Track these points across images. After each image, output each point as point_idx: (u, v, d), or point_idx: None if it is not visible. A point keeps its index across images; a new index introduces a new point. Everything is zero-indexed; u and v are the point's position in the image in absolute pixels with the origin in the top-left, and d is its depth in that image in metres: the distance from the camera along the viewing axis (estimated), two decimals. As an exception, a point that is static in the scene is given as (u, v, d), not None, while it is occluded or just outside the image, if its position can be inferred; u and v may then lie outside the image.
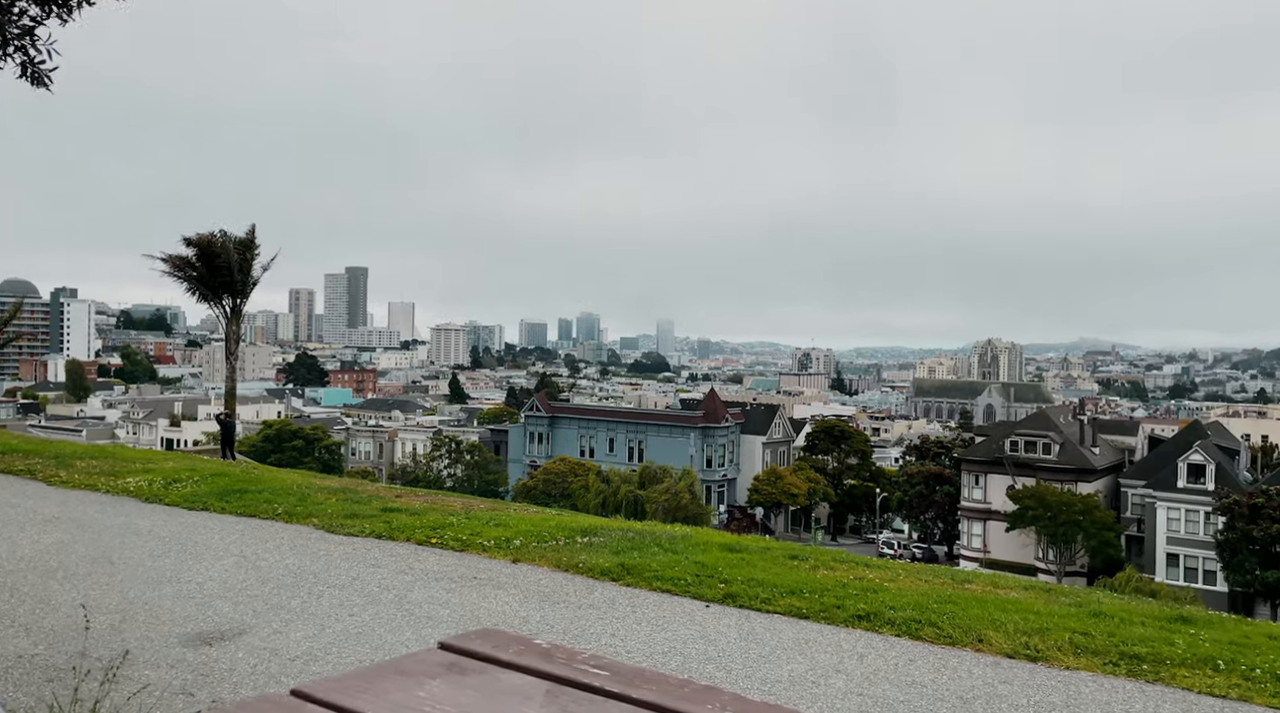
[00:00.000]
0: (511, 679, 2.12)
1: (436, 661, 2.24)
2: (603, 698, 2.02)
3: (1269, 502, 55.42)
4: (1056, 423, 74.80)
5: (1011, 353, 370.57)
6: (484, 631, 2.51)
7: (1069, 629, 8.68)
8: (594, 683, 2.07)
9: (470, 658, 2.25)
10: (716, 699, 2.05)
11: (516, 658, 2.23)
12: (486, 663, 2.22)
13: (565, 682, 2.09)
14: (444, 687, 2.06)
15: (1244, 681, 7.34)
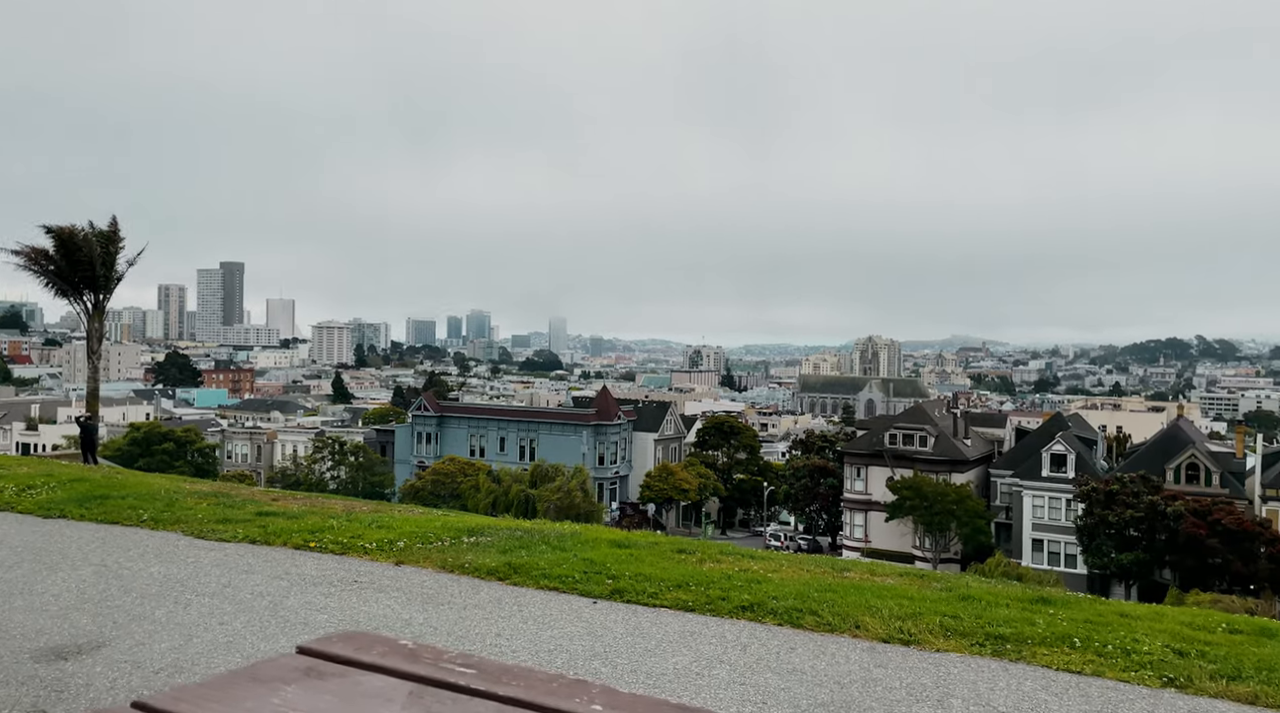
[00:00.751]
0: (373, 682, 2.06)
1: (294, 666, 2.15)
2: (468, 697, 1.98)
3: (1123, 489, 59.29)
4: (932, 416, 78.10)
5: (891, 350, 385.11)
6: (347, 633, 2.42)
7: (940, 613, 9.06)
8: (459, 682, 2.03)
9: (330, 662, 2.17)
10: (585, 693, 2.03)
11: (380, 660, 2.16)
12: (347, 666, 2.14)
13: (430, 682, 2.04)
14: (300, 693, 1.98)
15: (1097, 656, 7.81)
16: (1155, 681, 7.30)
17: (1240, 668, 7.50)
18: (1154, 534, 56.73)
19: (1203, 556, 55.08)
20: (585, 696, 2.05)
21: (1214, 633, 8.85)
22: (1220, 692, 7.05)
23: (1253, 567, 54.62)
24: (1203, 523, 54.92)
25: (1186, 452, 65.88)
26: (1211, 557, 54.83)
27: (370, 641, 2.33)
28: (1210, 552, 54.66)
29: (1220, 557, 54.56)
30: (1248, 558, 54.55)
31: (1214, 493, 61.98)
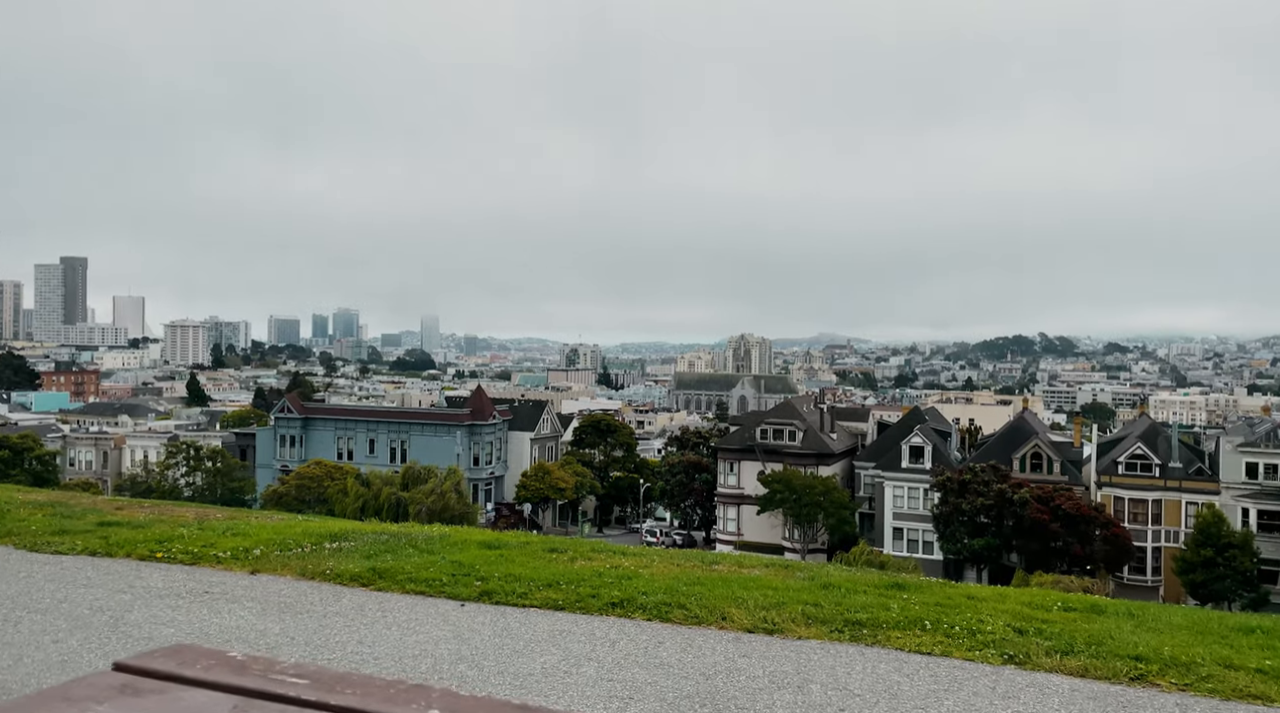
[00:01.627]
0: (195, 697, 1.94)
1: (109, 683, 2.01)
2: (297, 708, 1.89)
3: (975, 478, 62.74)
4: (800, 412, 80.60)
5: (762, 347, 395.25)
6: (171, 647, 2.28)
7: (802, 602, 9.36)
8: (290, 693, 1.94)
9: (149, 678, 2.03)
10: (424, 698, 1.98)
11: (204, 674, 2.04)
12: (168, 682, 2.01)
13: (257, 694, 1.94)
14: (112, 712, 1.86)
15: (945, 637, 8.24)
16: (997, 658, 7.75)
17: (1073, 643, 8.06)
18: (1003, 520, 60.25)
19: (1046, 539, 58.91)
20: (424, 701, 2.00)
21: (1050, 612, 9.47)
22: (1055, 667, 7.55)
23: (1089, 548, 58.81)
24: (1045, 509, 58.72)
25: (1031, 442, 70.30)
26: (1053, 540, 58.72)
27: (195, 654, 2.21)
28: (1052, 535, 58.52)
29: (1061, 540, 58.47)
30: (1085, 540, 58.69)
31: (1055, 480, 66.40)
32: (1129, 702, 6.79)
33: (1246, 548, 55.65)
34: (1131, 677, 7.28)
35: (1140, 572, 64.17)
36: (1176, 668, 7.41)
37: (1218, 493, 63.78)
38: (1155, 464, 65.84)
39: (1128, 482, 66.27)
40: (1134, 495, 65.67)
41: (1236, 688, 6.99)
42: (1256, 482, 63.42)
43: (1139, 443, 67.38)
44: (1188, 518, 62.43)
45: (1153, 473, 65.84)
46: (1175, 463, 65.85)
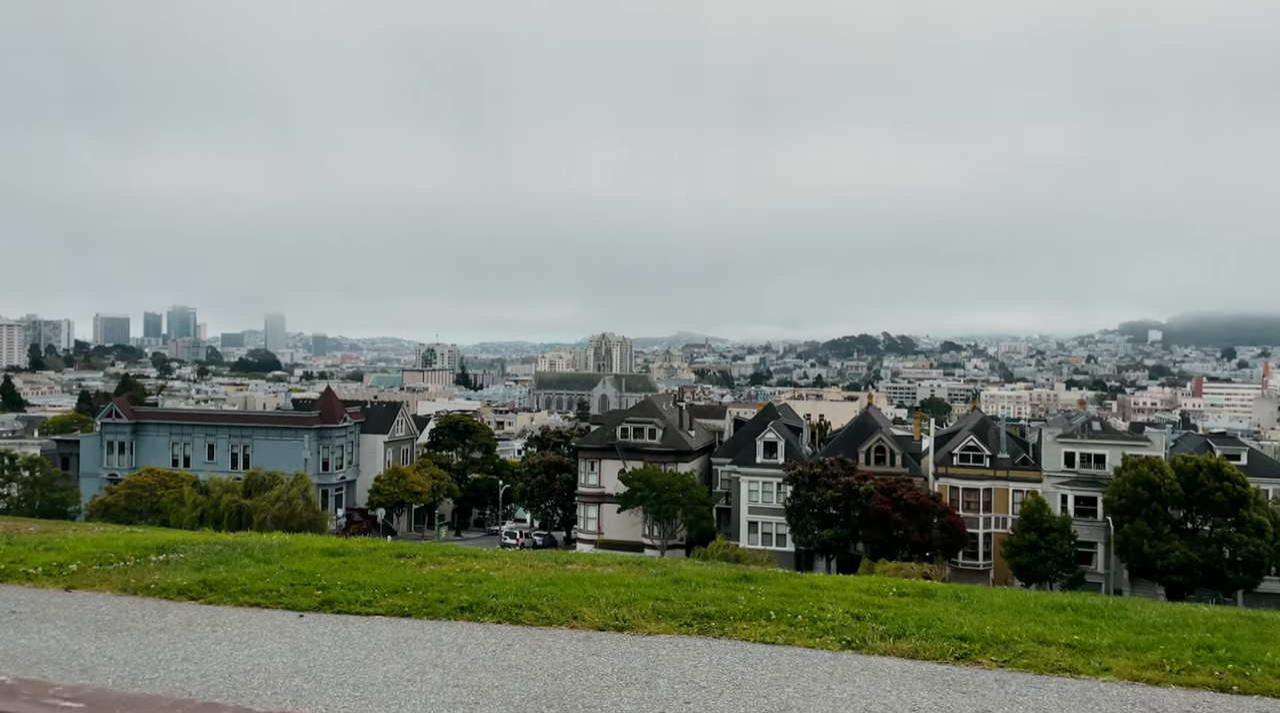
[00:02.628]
0: (-57, 731, 1.75)
1: None
2: (65, 736, 1.74)
3: (824, 471, 65.33)
4: (660, 410, 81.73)
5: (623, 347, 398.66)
6: (-79, 677, 2.07)
7: (653, 598, 9.46)
8: (58, 720, 1.78)
9: (-111, 713, 1.82)
10: (213, 717, 1.85)
11: (-43, 705, 1.84)
12: (-87, 716, 1.81)
13: (19, 724, 1.77)
14: None
15: (789, 626, 8.51)
16: (836, 644, 8.06)
17: (905, 627, 8.47)
18: (850, 511, 62.99)
19: (889, 528, 62.01)
20: (212, 720, 1.87)
21: (886, 598, 9.94)
22: (888, 650, 7.92)
23: (928, 536, 62.28)
24: (888, 499, 61.80)
25: (875, 437, 73.82)
26: (896, 529, 61.87)
27: (-50, 683, 2.00)
28: (895, 525, 61.66)
29: (903, 529, 61.68)
30: (924, 528, 62.12)
31: (897, 472, 70.00)
32: (954, 680, 7.19)
33: (1065, 532, 60.23)
34: (957, 656, 7.72)
35: (973, 556, 68.45)
36: (997, 646, 7.91)
37: (1040, 481, 68.82)
38: (986, 455, 70.38)
39: (961, 472, 70.56)
40: (967, 485, 69.98)
41: (1049, 662, 7.52)
42: (1073, 470, 68.81)
43: (971, 436, 71.85)
44: (1014, 505, 67.04)
45: (984, 464, 70.37)
46: (1003, 454, 70.60)
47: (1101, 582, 64.95)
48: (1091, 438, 70.14)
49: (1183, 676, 7.20)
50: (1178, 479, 58.34)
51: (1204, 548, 57.08)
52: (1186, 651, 7.75)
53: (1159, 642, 8.05)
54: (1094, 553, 66.03)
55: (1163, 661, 7.48)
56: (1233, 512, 57.04)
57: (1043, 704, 6.66)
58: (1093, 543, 65.89)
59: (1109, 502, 62.09)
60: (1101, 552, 65.71)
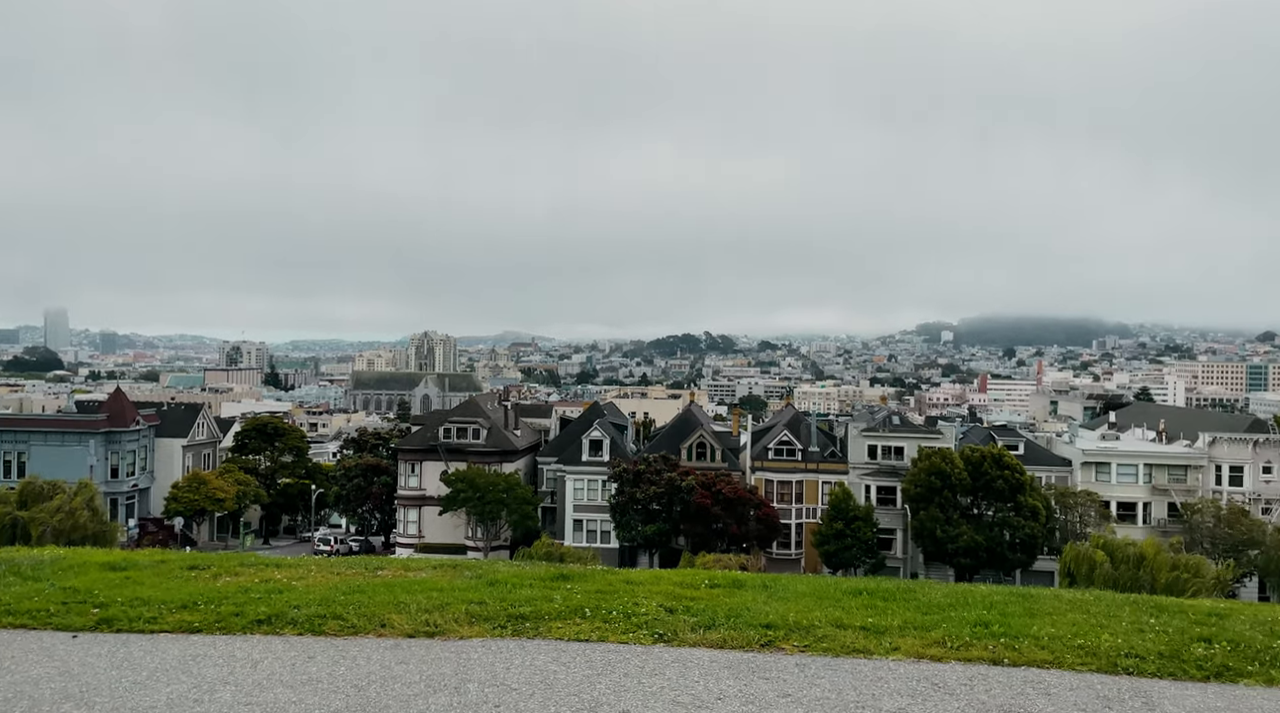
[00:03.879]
0: None
1: None
2: None
3: (648, 468, 66.56)
4: (485, 410, 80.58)
5: (446, 345, 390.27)
6: None
7: (467, 601, 9.26)
8: None
9: None
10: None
11: None
12: None
13: None
14: None
15: (603, 623, 8.55)
16: (649, 638, 8.17)
17: (715, 618, 8.70)
18: (672, 506, 64.49)
19: (709, 522, 63.97)
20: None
21: (699, 589, 10.18)
22: (698, 641, 8.11)
23: (745, 528, 64.72)
24: (708, 494, 63.75)
25: (697, 433, 75.95)
26: (715, 522, 63.90)
27: None
28: (714, 518, 63.68)
29: (721, 522, 63.79)
30: (741, 521, 64.50)
31: (717, 467, 72.30)
32: (758, 666, 7.45)
33: (868, 520, 64.19)
34: (762, 643, 8.01)
35: (786, 546, 71.72)
36: (799, 632, 8.27)
37: (847, 473, 73.01)
38: (798, 450, 73.91)
39: (776, 466, 73.76)
40: (781, 478, 73.23)
41: (845, 645, 7.93)
42: (876, 461, 73.44)
43: (785, 431, 75.24)
44: (823, 496, 70.76)
45: (796, 457, 73.87)
46: (814, 447, 74.37)
47: (900, 566, 69.67)
48: (891, 432, 75.06)
49: (961, 651, 7.78)
50: (966, 469, 63.41)
51: (988, 532, 62.32)
52: (965, 628, 8.39)
53: (942, 621, 8.67)
54: (894, 539, 70.72)
55: (945, 638, 8.06)
56: (1012, 498, 62.61)
57: (838, 685, 7.02)
58: (893, 530, 70.56)
59: (907, 491, 66.69)
60: (900, 538, 70.48)
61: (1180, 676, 7.36)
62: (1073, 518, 65.42)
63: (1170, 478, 72.86)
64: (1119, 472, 73.65)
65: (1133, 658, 7.66)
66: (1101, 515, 66.28)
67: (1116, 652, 7.79)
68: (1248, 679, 7.31)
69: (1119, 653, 7.76)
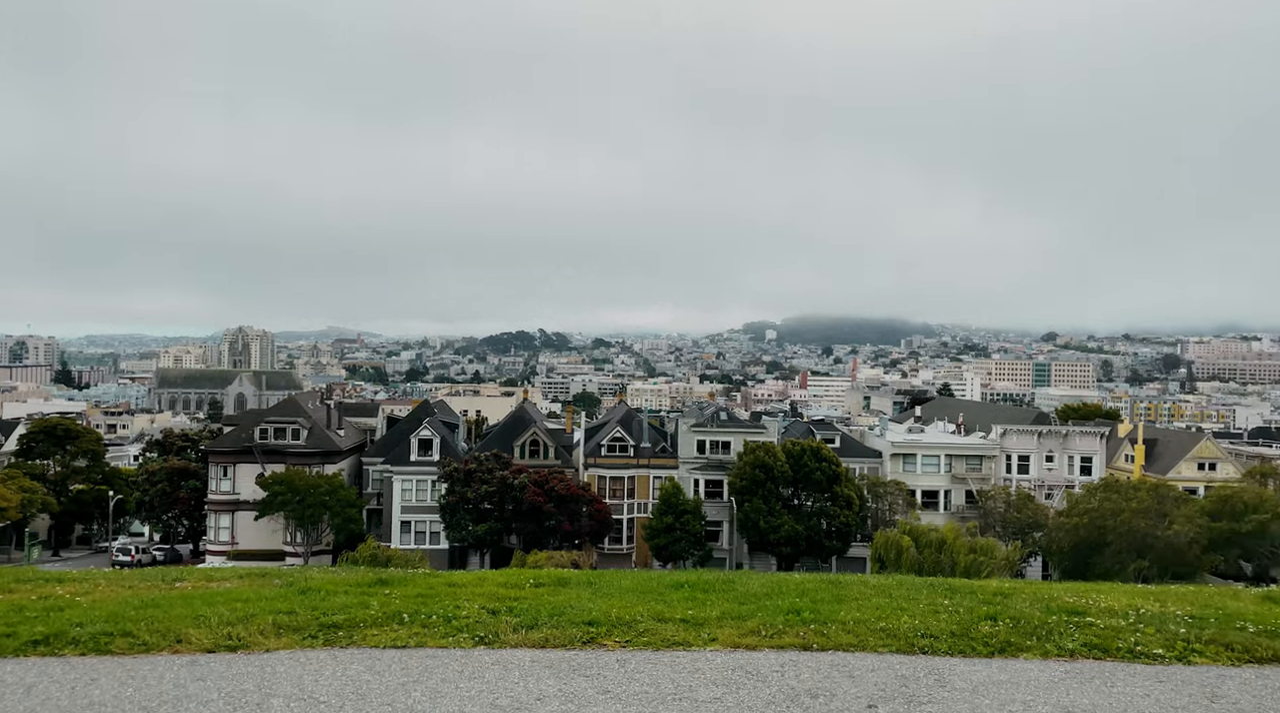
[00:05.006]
0: None
1: None
2: None
3: (480, 467, 65.53)
4: (305, 409, 76.90)
5: (264, 341, 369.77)
6: None
7: (275, 611, 8.76)
8: None
9: None
10: None
11: None
12: None
13: None
14: None
15: (422, 628, 8.30)
16: (470, 642, 8.00)
17: (538, 617, 8.63)
18: (504, 505, 63.79)
19: (542, 519, 63.74)
20: None
21: (523, 589, 10.08)
22: (520, 641, 8.01)
23: (578, 524, 64.92)
24: (541, 491, 63.51)
25: (530, 431, 75.51)
26: (548, 520, 63.76)
27: None
28: (547, 515, 63.52)
29: (554, 519, 63.72)
30: (574, 517, 64.67)
31: (550, 465, 72.14)
32: (579, 664, 7.44)
33: (697, 513, 65.88)
34: (584, 641, 8.01)
35: (619, 541, 72.53)
36: (621, 627, 8.33)
37: (676, 467, 74.66)
38: (631, 445, 74.90)
39: (609, 462, 74.45)
40: (614, 474, 73.99)
41: (666, 638, 8.06)
42: (705, 456, 75.49)
43: (618, 427, 76.07)
44: (654, 491, 72.06)
45: (629, 453, 74.82)
46: (646, 443, 75.58)
47: (726, 556, 72.01)
48: (719, 427, 77.39)
49: (774, 638, 8.07)
50: (787, 462, 66.24)
51: (807, 521, 65.37)
52: (779, 616, 8.72)
53: (758, 610, 8.97)
54: (721, 531, 72.97)
55: (760, 627, 8.34)
56: (829, 488, 65.93)
57: (657, 679, 7.11)
58: (720, 522, 72.78)
59: (733, 484, 68.94)
60: (727, 529, 72.82)
61: (969, 652, 7.93)
62: (883, 506, 69.63)
63: (968, 467, 78.90)
64: (923, 462, 79.07)
65: (928, 638, 8.19)
66: (908, 503, 70.96)
67: (914, 632, 8.30)
68: (1027, 653, 7.96)
69: (916, 634, 8.27)
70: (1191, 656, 7.98)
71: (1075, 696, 6.94)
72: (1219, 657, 7.97)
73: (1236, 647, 8.15)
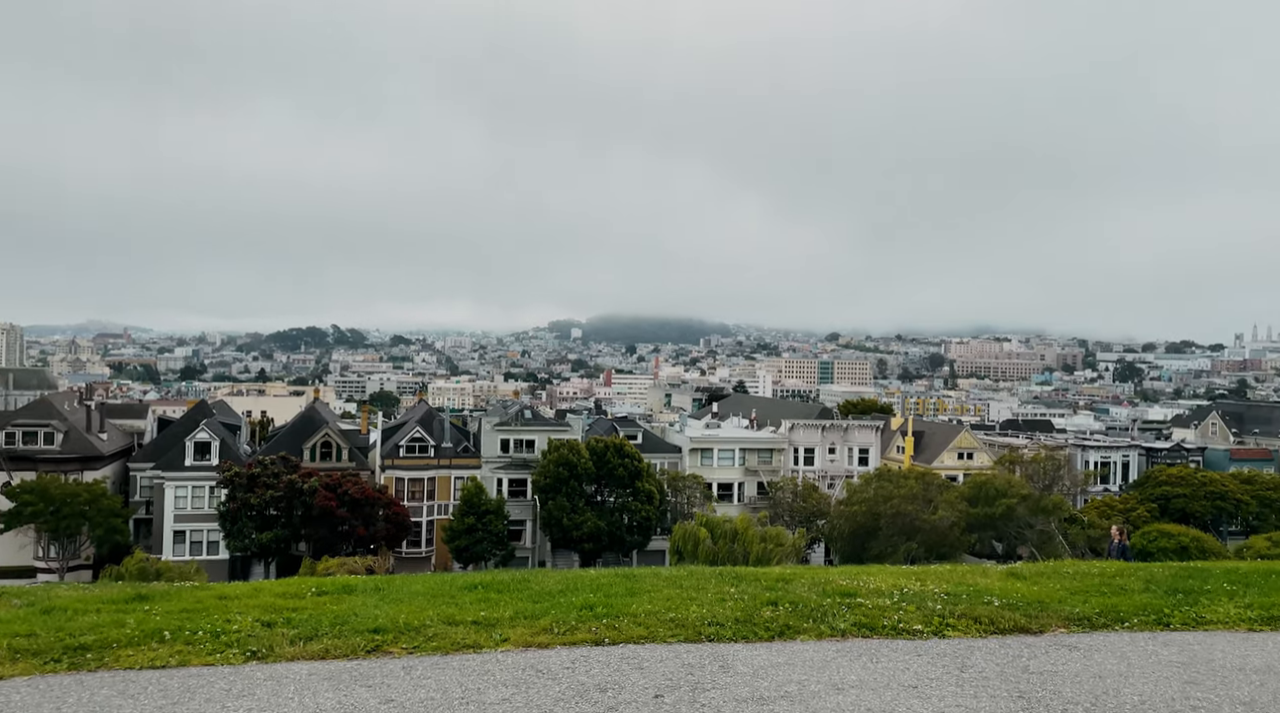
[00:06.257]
0: None
1: None
2: None
3: (265, 470, 61.67)
4: (61, 410, 69.53)
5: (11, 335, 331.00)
6: None
7: (12, 634, 7.82)
8: None
9: None
10: None
11: None
12: None
13: None
14: None
15: (186, 646, 7.63)
16: (240, 657, 7.46)
17: (318, 628, 8.18)
18: (292, 511, 60.39)
19: (334, 524, 60.82)
20: None
21: (304, 599, 9.53)
22: (297, 654, 7.55)
23: (374, 529, 62.49)
24: (333, 495, 60.61)
25: (321, 432, 71.97)
26: (341, 524, 60.92)
27: None
28: (340, 520, 60.68)
29: (348, 523, 60.99)
30: (369, 521, 62.18)
31: (344, 467, 69.06)
32: (362, 674, 7.11)
33: (500, 513, 65.23)
34: (368, 649, 7.67)
35: (418, 544, 70.61)
36: (409, 633, 8.04)
37: (480, 467, 73.63)
38: (431, 445, 73.09)
39: (408, 463, 72.32)
40: (413, 475, 71.96)
41: (455, 641, 7.85)
42: (509, 455, 74.90)
43: (418, 427, 74.02)
44: (456, 491, 70.68)
45: (429, 454, 72.99)
46: (447, 443, 74.01)
47: (530, 555, 71.81)
48: (524, 425, 77.05)
49: (567, 635, 8.07)
50: (591, 459, 66.94)
51: (610, 517, 66.36)
52: (572, 612, 8.72)
53: (551, 608, 8.94)
54: (524, 530, 72.68)
55: (552, 625, 8.31)
56: (631, 484, 67.24)
57: (444, 684, 6.91)
58: (523, 520, 72.49)
59: (537, 482, 68.86)
60: (530, 528, 72.64)
61: (751, 637, 8.26)
62: (682, 500, 71.86)
63: (760, 460, 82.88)
64: (720, 456, 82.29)
65: (714, 625, 8.46)
66: (705, 496, 73.62)
67: (701, 621, 8.56)
68: (804, 635, 8.40)
69: (703, 622, 8.53)
70: (946, 630, 8.70)
71: (844, 672, 7.38)
72: (969, 630, 8.74)
73: (983, 620, 8.98)
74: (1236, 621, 9.42)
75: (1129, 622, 9.19)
